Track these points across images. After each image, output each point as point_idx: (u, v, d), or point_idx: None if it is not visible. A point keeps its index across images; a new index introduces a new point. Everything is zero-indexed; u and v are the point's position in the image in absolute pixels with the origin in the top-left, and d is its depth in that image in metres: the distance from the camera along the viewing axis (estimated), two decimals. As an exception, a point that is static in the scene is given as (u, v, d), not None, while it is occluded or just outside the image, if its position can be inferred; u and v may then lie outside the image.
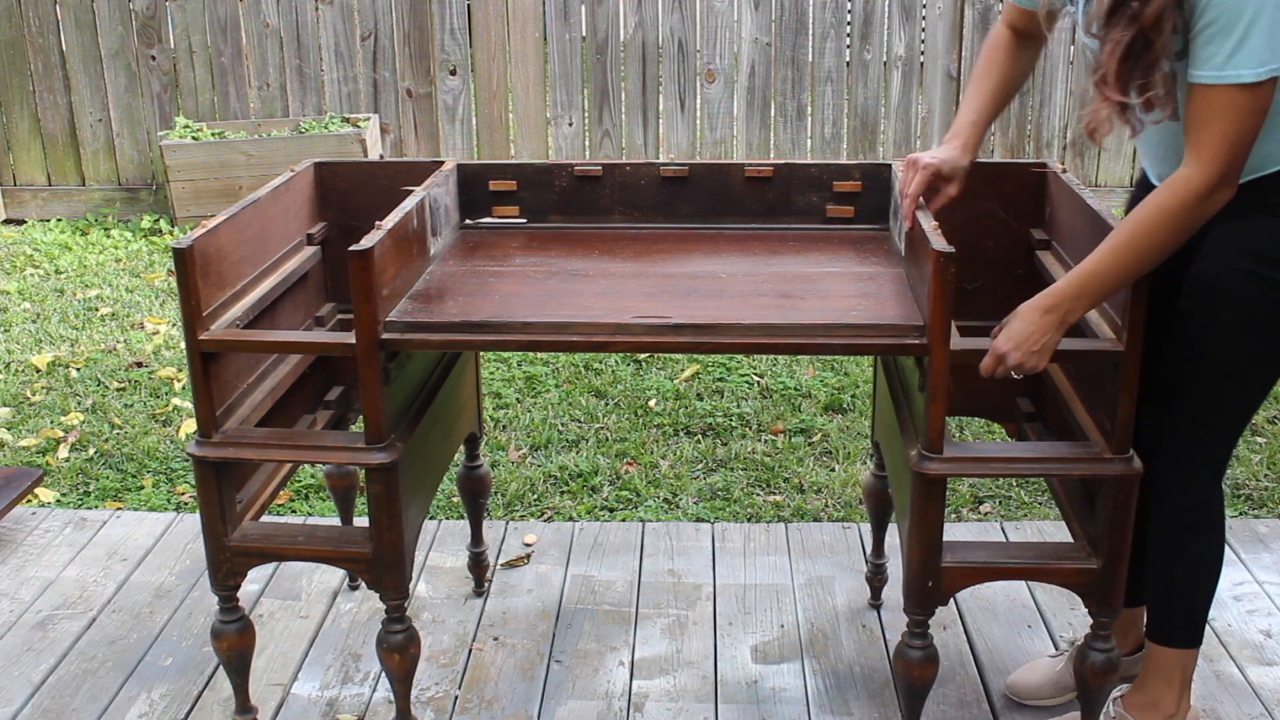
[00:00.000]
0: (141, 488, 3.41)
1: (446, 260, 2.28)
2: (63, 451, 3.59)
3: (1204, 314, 1.95)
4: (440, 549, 3.04)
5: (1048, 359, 1.89)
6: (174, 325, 4.57)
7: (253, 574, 2.73)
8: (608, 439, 3.64)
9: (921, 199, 2.10)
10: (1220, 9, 1.70)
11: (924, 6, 5.89)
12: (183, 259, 1.93)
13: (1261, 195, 1.88)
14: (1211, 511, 2.09)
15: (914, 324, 1.93)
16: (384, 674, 2.19)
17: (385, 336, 1.94)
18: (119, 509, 3.27)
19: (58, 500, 3.34)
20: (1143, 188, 2.15)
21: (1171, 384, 2.02)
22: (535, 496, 3.33)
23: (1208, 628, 2.56)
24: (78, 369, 4.18)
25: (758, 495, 3.33)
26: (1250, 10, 1.69)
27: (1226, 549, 2.95)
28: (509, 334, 1.95)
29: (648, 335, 1.93)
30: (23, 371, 4.17)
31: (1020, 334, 1.88)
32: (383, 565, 2.06)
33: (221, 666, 2.27)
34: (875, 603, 2.77)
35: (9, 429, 3.74)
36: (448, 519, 3.20)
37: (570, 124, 6.01)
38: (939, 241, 1.84)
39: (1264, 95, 1.74)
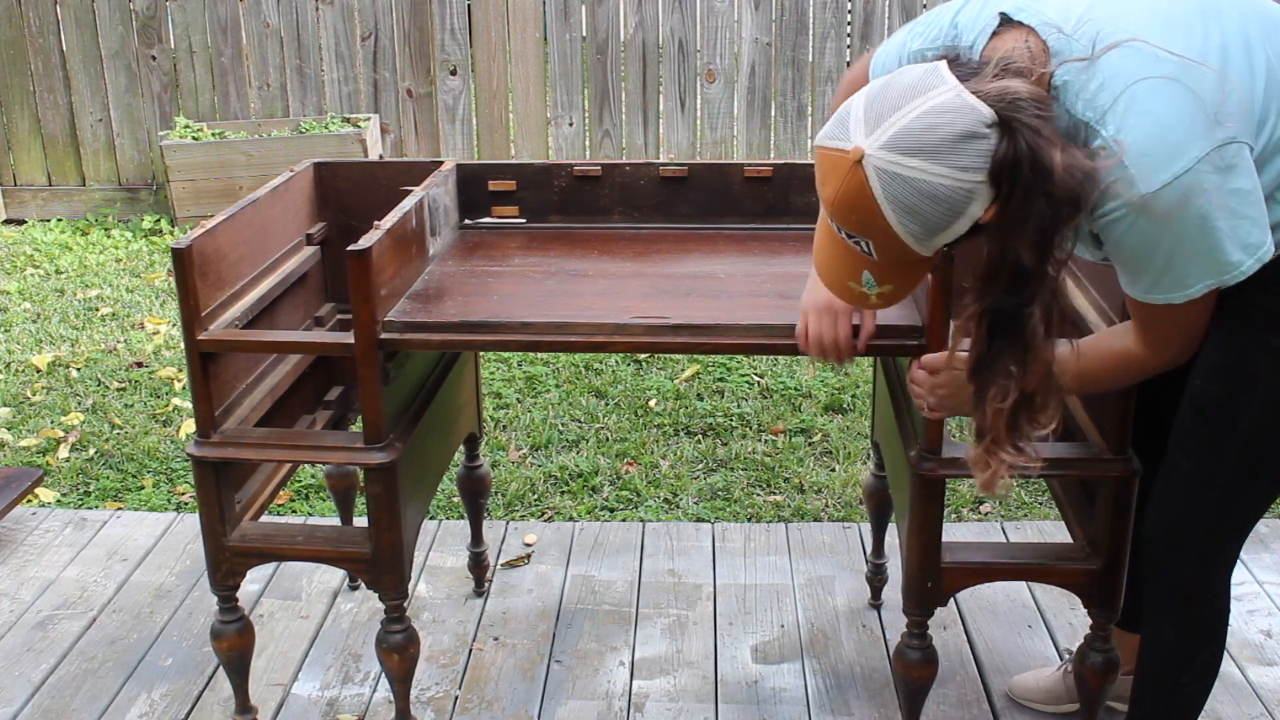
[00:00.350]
0: (142, 488, 3.41)
1: (445, 260, 2.28)
2: (63, 451, 3.59)
3: (1230, 396, 1.72)
4: (440, 549, 3.04)
5: (951, 415, 1.83)
6: (174, 325, 4.57)
7: (253, 574, 2.73)
8: (608, 439, 3.64)
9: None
10: (1128, 256, 1.56)
11: (924, 6, 5.88)
12: (181, 259, 1.93)
13: None
14: (1223, 612, 1.89)
15: (912, 325, 1.93)
16: (384, 674, 2.19)
17: (384, 336, 1.94)
18: (119, 509, 3.27)
19: (58, 500, 3.34)
20: None
21: (1193, 473, 1.79)
22: (535, 496, 3.33)
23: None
24: (78, 369, 4.18)
25: (758, 495, 3.33)
26: (1162, 254, 1.53)
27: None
28: (508, 334, 1.95)
29: (647, 335, 1.93)
30: (23, 371, 4.17)
31: (949, 393, 1.77)
32: (382, 565, 2.05)
33: (221, 666, 2.26)
34: (875, 603, 2.77)
35: (9, 429, 3.74)
36: (448, 519, 3.20)
37: (570, 124, 6.01)
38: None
39: (1201, 302, 1.58)
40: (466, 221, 2.50)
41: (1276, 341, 1.67)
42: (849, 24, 5.90)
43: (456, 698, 2.49)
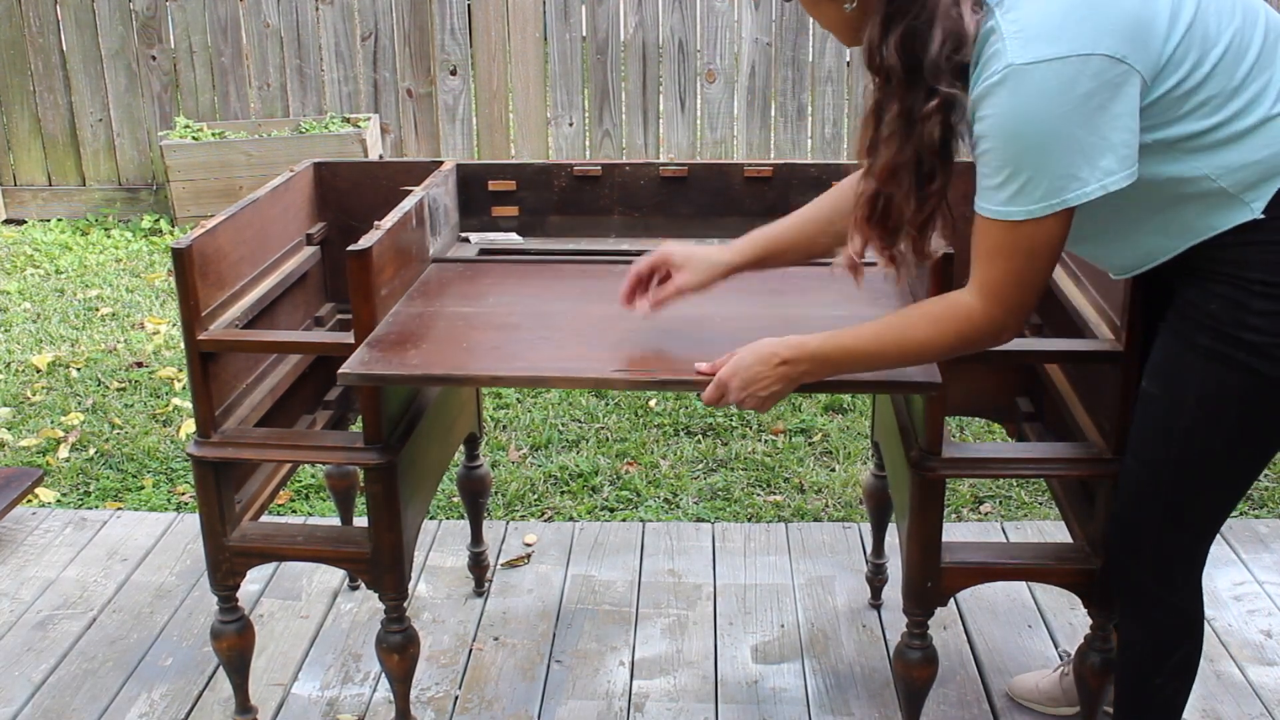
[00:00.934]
0: (142, 488, 3.41)
1: (413, 299, 2.10)
2: (63, 451, 3.59)
3: (1167, 399, 1.71)
4: (440, 549, 3.04)
5: (772, 405, 1.73)
6: (174, 325, 4.57)
7: (253, 574, 2.73)
8: (608, 439, 3.64)
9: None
10: (991, 141, 1.54)
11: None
12: (181, 259, 1.93)
13: (1221, 255, 1.62)
14: (1193, 614, 1.86)
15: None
16: (384, 674, 2.19)
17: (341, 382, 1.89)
18: (119, 509, 3.27)
19: (58, 500, 3.34)
20: None
21: (1141, 477, 1.78)
22: (535, 496, 3.33)
23: (1208, 627, 2.56)
24: (78, 369, 4.18)
25: (758, 495, 3.33)
26: (1016, 147, 1.52)
27: (1227, 549, 2.96)
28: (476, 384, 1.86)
29: (632, 389, 1.85)
30: (23, 371, 4.17)
31: (750, 377, 1.70)
32: (382, 565, 2.05)
33: (221, 666, 2.27)
34: (875, 603, 2.77)
35: (9, 429, 3.74)
36: (448, 519, 3.20)
37: (570, 124, 6.01)
38: (938, 242, 1.83)
39: (1044, 233, 1.55)
40: (464, 235, 2.50)
41: (1204, 341, 1.64)
42: (849, 24, 5.88)
43: (456, 698, 2.49)
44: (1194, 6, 1.55)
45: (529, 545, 3.06)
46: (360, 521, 2.45)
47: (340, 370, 1.80)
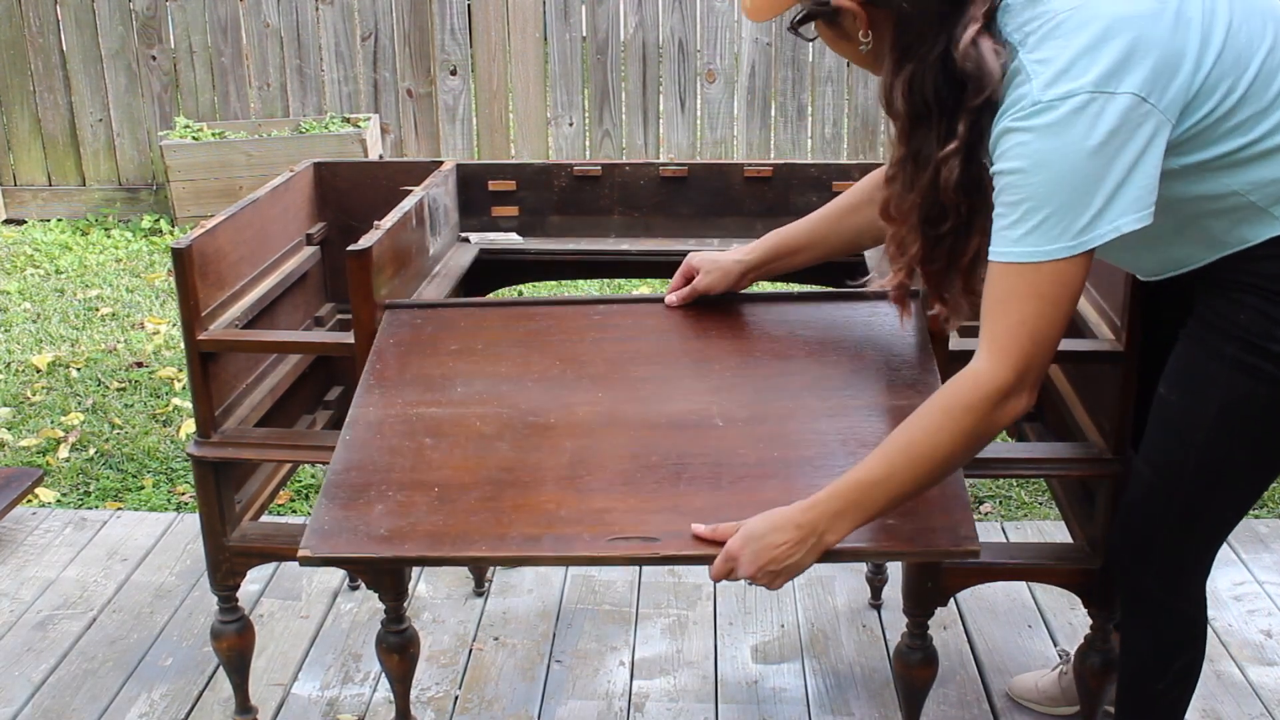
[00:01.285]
0: (142, 488, 3.41)
1: (370, 387, 1.85)
2: (63, 451, 3.59)
3: (1187, 406, 1.68)
4: (440, 549, 3.04)
5: (786, 581, 1.58)
6: (174, 325, 4.57)
7: (253, 574, 2.73)
8: (608, 439, 3.64)
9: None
10: (1010, 177, 1.49)
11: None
12: (181, 259, 1.93)
13: (1252, 267, 1.61)
14: (1197, 621, 1.85)
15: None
16: (384, 674, 2.19)
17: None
18: (119, 509, 3.27)
19: (58, 500, 3.34)
20: None
21: (1154, 483, 1.75)
22: (535, 496, 3.33)
23: (1208, 627, 2.56)
24: (78, 369, 4.18)
25: (758, 495, 3.32)
26: (1035, 180, 1.47)
27: (1226, 549, 2.96)
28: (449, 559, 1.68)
29: (632, 565, 1.76)
30: (23, 371, 4.17)
31: (763, 547, 1.55)
32: (382, 565, 2.05)
33: (221, 666, 2.27)
34: (875, 603, 2.77)
35: (9, 429, 3.74)
36: (448, 519, 3.20)
37: (570, 124, 6.01)
38: None
39: (1060, 277, 1.49)
40: (464, 235, 2.50)
41: (1231, 351, 1.62)
42: (849, 24, 5.88)
43: (456, 698, 2.49)
44: (1224, 30, 1.52)
45: (529, 545, 3.06)
46: (360, 521, 2.45)
47: (300, 554, 1.60)
